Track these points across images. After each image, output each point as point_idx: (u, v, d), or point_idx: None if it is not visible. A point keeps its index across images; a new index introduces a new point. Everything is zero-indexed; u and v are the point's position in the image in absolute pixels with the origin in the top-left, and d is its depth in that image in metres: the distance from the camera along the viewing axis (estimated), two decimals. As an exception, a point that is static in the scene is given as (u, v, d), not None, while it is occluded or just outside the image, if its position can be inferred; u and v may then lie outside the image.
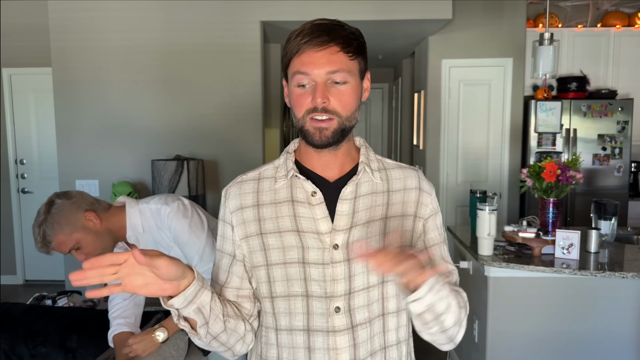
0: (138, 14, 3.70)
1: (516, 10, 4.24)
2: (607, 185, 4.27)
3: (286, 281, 1.02)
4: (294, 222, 1.02)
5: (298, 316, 1.02)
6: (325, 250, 1.01)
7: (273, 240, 1.03)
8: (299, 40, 0.97)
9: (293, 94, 1.00)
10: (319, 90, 0.97)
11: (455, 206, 4.46)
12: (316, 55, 0.96)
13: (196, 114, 3.76)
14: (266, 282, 1.04)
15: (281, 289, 1.03)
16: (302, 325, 1.02)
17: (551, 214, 2.65)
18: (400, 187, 1.09)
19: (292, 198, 1.04)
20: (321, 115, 0.97)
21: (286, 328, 1.03)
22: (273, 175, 1.08)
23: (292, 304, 1.02)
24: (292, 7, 3.66)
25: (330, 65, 0.97)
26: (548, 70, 3.18)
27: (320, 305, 1.01)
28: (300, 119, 1.00)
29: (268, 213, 1.04)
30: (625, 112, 4.18)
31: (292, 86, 1.00)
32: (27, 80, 4.84)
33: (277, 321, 1.04)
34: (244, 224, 1.05)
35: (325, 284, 1.01)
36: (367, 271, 1.02)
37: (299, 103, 0.99)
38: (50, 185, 4.84)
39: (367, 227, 1.04)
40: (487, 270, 2.51)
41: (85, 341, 1.95)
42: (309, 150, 1.05)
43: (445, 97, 4.35)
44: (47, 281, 4.98)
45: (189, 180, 3.47)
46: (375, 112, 7.14)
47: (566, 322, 2.54)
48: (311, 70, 0.97)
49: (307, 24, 1.00)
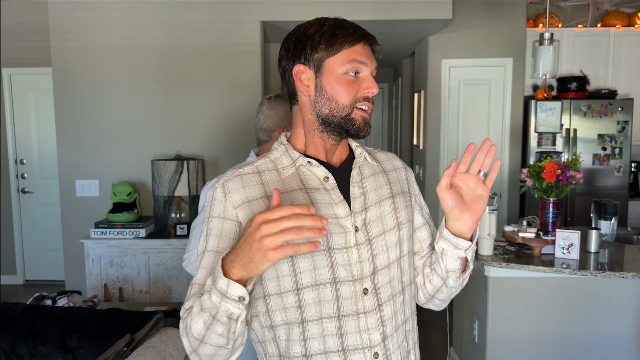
0: (138, 14, 3.70)
1: (516, 10, 4.24)
2: (607, 185, 4.27)
3: (314, 270, 0.99)
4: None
5: (328, 304, 0.99)
6: (347, 234, 1.02)
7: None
8: (352, 32, 1.02)
9: (342, 80, 1.01)
10: (374, 80, 1.04)
11: (455, 206, 4.45)
12: (369, 50, 1.05)
13: (196, 113, 3.76)
14: (290, 275, 0.99)
15: (308, 279, 0.99)
16: (332, 312, 1.00)
17: (551, 214, 2.65)
18: (390, 167, 1.17)
19: (304, 185, 1.03)
20: (367, 105, 1.04)
21: (315, 318, 0.99)
22: (273, 167, 1.05)
23: (321, 292, 0.99)
24: (292, 7, 3.66)
25: (375, 61, 1.07)
26: (548, 70, 3.18)
27: (348, 290, 1.00)
28: (347, 107, 1.02)
29: (283, 203, 0.99)
30: (625, 112, 4.18)
31: (339, 72, 1.01)
32: (27, 80, 4.84)
33: (305, 313, 0.99)
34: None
35: (351, 267, 1.01)
36: (387, 248, 1.06)
37: (349, 90, 1.02)
38: (50, 185, 4.85)
39: (380, 207, 1.08)
40: (487, 270, 2.51)
41: (85, 341, 1.95)
42: (317, 142, 1.06)
43: (445, 97, 4.35)
44: (47, 281, 4.99)
45: (189, 180, 3.47)
46: (375, 112, 7.15)
47: (566, 322, 2.54)
48: (370, 62, 1.03)
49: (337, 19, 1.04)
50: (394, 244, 1.08)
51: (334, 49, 1.01)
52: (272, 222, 0.80)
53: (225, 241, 1.00)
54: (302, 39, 1.03)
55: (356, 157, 1.11)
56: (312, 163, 1.04)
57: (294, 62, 1.04)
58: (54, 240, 4.86)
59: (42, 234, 4.97)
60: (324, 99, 1.03)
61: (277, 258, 0.80)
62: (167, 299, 3.43)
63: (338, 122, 1.03)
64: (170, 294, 3.44)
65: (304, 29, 1.04)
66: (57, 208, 4.23)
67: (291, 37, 1.06)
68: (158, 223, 3.49)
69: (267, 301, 1.01)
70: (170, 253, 3.41)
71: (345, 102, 1.01)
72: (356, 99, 1.02)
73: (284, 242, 0.80)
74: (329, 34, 1.01)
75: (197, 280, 1.00)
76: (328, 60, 1.01)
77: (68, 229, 3.79)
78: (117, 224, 3.43)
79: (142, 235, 3.43)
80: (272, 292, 1.00)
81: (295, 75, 1.05)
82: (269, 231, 0.79)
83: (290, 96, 1.08)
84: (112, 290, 3.44)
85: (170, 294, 3.44)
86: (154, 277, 3.43)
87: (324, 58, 1.02)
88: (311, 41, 1.02)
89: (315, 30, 1.02)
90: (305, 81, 1.04)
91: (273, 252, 0.80)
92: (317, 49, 1.02)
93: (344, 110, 1.02)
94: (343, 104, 1.02)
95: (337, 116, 1.02)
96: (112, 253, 3.42)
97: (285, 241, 0.80)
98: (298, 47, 1.03)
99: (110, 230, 3.43)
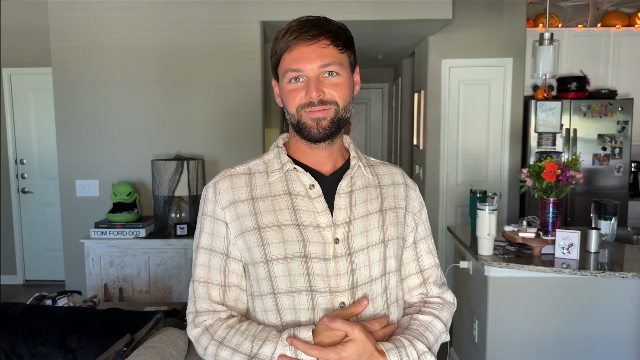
0: (138, 14, 3.70)
1: (516, 10, 4.24)
2: (607, 185, 4.27)
3: (289, 276, 0.99)
4: (294, 216, 1.01)
5: (303, 312, 0.99)
6: (326, 245, 1.00)
7: (272, 234, 0.99)
8: (287, 38, 0.98)
9: (285, 90, 1.01)
10: (312, 84, 0.98)
11: (455, 206, 4.46)
12: (307, 50, 0.97)
13: (196, 113, 3.76)
14: (267, 279, 1.00)
15: (284, 285, 0.99)
16: (308, 321, 1.00)
17: (551, 214, 2.65)
18: (389, 182, 1.13)
19: (289, 191, 1.03)
20: (316, 108, 0.99)
21: (292, 325, 1.00)
22: (264, 169, 1.06)
23: (296, 300, 0.99)
24: (292, 7, 3.66)
25: (321, 59, 0.98)
26: (548, 70, 3.18)
27: (324, 301, 0.99)
28: (295, 114, 1.01)
29: (265, 206, 1.01)
30: (625, 112, 4.18)
31: (283, 83, 1.01)
32: (27, 80, 4.84)
33: (282, 318, 1.00)
34: (239, 219, 1.01)
35: (329, 278, 0.99)
36: (370, 264, 1.03)
37: (292, 98, 1.00)
38: (50, 185, 4.85)
39: (366, 220, 1.05)
40: (487, 270, 2.51)
41: (85, 341, 1.95)
42: (301, 147, 1.05)
43: (445, 97, 4.35)
44: (47, 281, 4.99)
45: (189, 180, 3.47)
46: (375, 112, 7.14)
47: (566, 322, 2.54)
48: (303, 66, 0.98)
49: (293, 21, 1.01)
50: (377, 259, 1.05)
51: (276, 59, 1.02)
52: None
53: (218, 240, 1.03)
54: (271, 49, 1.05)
55: (350, 167, 1.08)
56: (297, 169, 1.04)
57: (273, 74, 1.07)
58: (54, 240, 4.86)
59: (42, 234, 4.97)
60: (285, 109, 1.05)
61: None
62: (167, 299, 3.43)
63: (295, 128, 1.03)
64: (170, 294, 3.44)
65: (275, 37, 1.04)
66: (57, 208, 4.23)
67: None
68: (158, 223, 3.50)
69: (252, 300, 1.04)
70: (170, 253, 3.41)
71: (292, 110, 1.01)
72: (300, 105, 1.00)
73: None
74: (274, 43, 1.02)
75: (198, 277, 1.04)
76: (278, 70, 1.03)
77: (68, 229, 3.79)
78: (117, 224, 3.43)
79: (142, 235, 3.43)
80: (255, 293, 1.03)
81: (274, 87, 1.09)
82: None
83: None
84: (112, 290, 3.44)
85: (170, 294, 3.44)
86: (154, 277, 3.43)
87: (275, 69, 1.04)
88: (272, 52, 1.03)
89: (275, 38, 1.02)
90: (277, 92, 1.08)
91: None
92: (272, 59, 1.03)
93: (294, 117, 1.01)
94: (291, 112, 1.01)
95: (293, 123, 1.02)
96: (112, 253, 3.42)
97: None
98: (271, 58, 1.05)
99: (110, 230, 3.43)
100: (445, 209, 4.45)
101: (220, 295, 1.02)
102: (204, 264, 1.03)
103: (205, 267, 1.03)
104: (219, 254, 1.03)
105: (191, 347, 1.95)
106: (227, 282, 1.03)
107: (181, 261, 3.42)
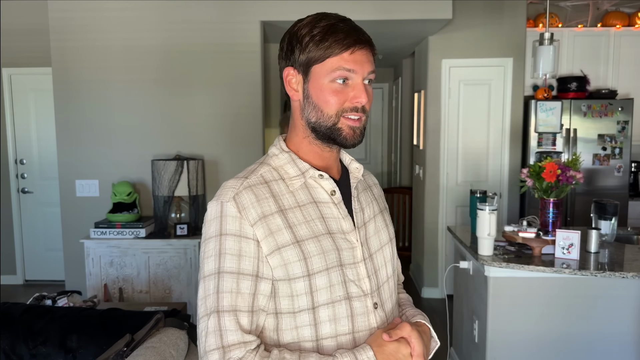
0: (138, 14, 3.70)
1: (516, 10, 4.24)
2: (607, 185, 4.27)
3: (329, 287, 0.95)
4: (324, 224, 0.98)
5: (343, 321, 0.97)
6: (354, 250, 1.00)
7: (312, 246, 0.94)
8: (342, 37, 0.95)
9: (328, 88, 0.95)
10: (362, 89, 0.96)
11: (455, 206, 4.46)
12: (363, 52, 0.97)
13: (196, 113, 3.76)
14: (306, 294, 0.94)
15: (325, 297, 0.95)
16: (347, 330, 0.97)
17: (551, 214, 2.65)
18: (372, 182, 1.19)
19: (313, 199, 0.99)
20: (357, 114, 0.97)
21: (330, 335, 0.96)
22: (279, 176, 0.99)
23: (336, 310, 0.96)
24: (292, 7, 3.66)
25: (370, 66, 0.98)
26: (548, 70, 3.18)
27: (359, 305, 0.98)
28: (333, 117, 0.96)
29: (297, 218, 0.96)
30: (625, 112, 4.18)
31: (325, 81, 0.95)
32: (27, 80, 4.84)
33: (319, 331, 0.95)
34: (272, 234, 0.93)
35: (360, 282, 0.99)
36: (385, 263, 1.07)
37: (335, 98, 0.95)
38: (50, 185, 4.85)
39: (375, 222, 1.08)
40: (487, 270, 2.51)
41: (85, 341, 1.95)
42: (314, 150, 1.02)
43: (445, 97, 4.35)
44: (47, 281, 4.99)
45: (189, 180, 3.47)
46: (375, 112, 7.14)
47: (566, 322, 2.54)
48: (358, 68, 0.95)
49: (332, 19, 0.98)
50: (389, 258, 1.09)
51: (321, 56, 0.95)
52: None
53: (246, 261, 0.91)
54: (292, 40, 0.98)
55: (353, 171, 1.08)
56: (323, 176, 1.00)
57: (286, 64, 1.00)
58: (54, 240, 4.86)
59: (42, 234, 4.97)
60: (311, 106, 0.98)
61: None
62: (167, 299, 3.43)
63: (325, 131, 0.97)
64: (170, 294, 3.44)
65: (298, 28, 0.98)
66: (57, 208, 4.23)
67: (286, 35, 1.01)
68: (158, 223, 3.50)
69: (278, 318, 0.95)
70: (170, 253, 3.41)
71: (331, 112, 0.96)
72: (343, 108, 0.96)
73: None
74: (318, 38, 0.95)
75: (224, 307, 0.89)
76: (315, 67, 0.96)
77: (68, 229, 3.79)
78: (117, 224, 3.43)
79: (142, 235, 3.43)
80: (284, 310, 0.95)
81: (285, 78, 1.01)
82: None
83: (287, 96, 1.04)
84: (112, 290, 3.44)
85: (170, 294, 3.44)
86: (154, 277, 3.43)
87: (311, 64, 0.96)
88: (300, 44, 0.96)
89: (306, 33, 0.96)
90: (294, 85, 1.00)
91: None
92: (305, 53, 0.96)
93: (329, 120, 0.96)
94: (328, 113, 0.96)
95: (324, 125, 0.97)
96: (112, 253, 3.42)
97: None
98: (289, 48, 0.99)
99: (110, 230, 3.43)
100: (445, 209, 4.45)
101: (249, 323, 0.91)
102: (231, 291, 0.90)
103: (234, 294, 0.90)
104: (248, 277, 0.91)
105: (191, 347, 1.95)
106: (255, 306, 0.92)
107: (181, 261, 3.42)
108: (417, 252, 4.89)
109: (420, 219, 4.72)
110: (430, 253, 4.52)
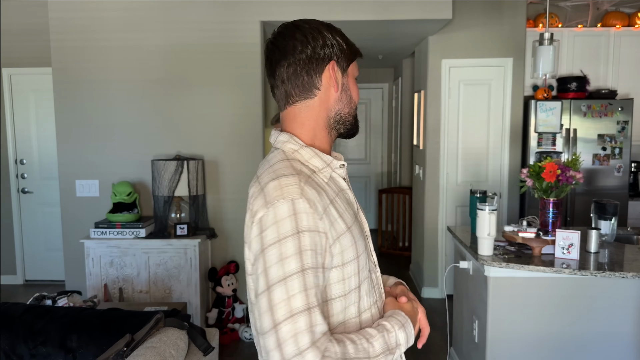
0: (138, 14, 3.70)
1: (516, 10, 4.24)
2: (607, 185, 4.27)
3: (366, 264, 1.07)
4: (351, 209, 1.08)
5: (371, 292, 1.08)
6: (364, 226, 1.13)
7: (355, 230, 1.04)
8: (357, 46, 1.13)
9: (355, 84, 1.12)
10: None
11: (455, 206, 4.46)
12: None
13: (196, 113, 3.76)
14: (355, 275, 1.01)
15: (364, 274, 1.06)
16: (374, 300, 1.09)
17: (551, 214, 2.65)
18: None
19: (340, 187, 1.09)
20: None
21: (367, 308, 1.06)
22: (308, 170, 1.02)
23: (369, 283, 1.08)
24: (292, 7, 3.66)
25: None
26: (548, 70, 3.18)
27: (376, 276, 1.14)
28: (354, 110, 1.12)
29: (341, 206, 1.03)
30: (625, 112, 4.18)
31: (352, 79, 1.11)
32: (27, 80, 4.84)
33: (361, 306, 1.04)
34: (332, 225, 0.97)
35: (373, 255, 1.15)
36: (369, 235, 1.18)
37: (357, 95, 1.13)
38: (50, 185, 4.85)
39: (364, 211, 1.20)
40: (487, 270, 2.51)
41: (85, 341, 1.95)
42: (327, 141, 1.11)
43: (445, 97, 4.35)
44: (47, 281, 4.99)
45: (189, 180, 3.47)
46: (375, 112, 7.14)
47: (566, 322, 2.55)
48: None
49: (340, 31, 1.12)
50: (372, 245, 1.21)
51: (354, 56, 1.11)
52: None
53: (321, 256, 0.93)
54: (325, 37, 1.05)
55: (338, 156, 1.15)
56: (344, 165, 1.12)
57: (330, 58, 1.05)
58: (54, 240, 4.86)
59: (42, 234, 4.97)
60: (347, 98, 1.09)
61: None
62: (167, 299, 3.43)
63: (351, 120, 1.11)
64: (170, 294, 3.44)
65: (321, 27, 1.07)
66: (57, 208, 4.24)
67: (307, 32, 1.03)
68: (158, 223, 3.50)
69: (328, 306, 0.97)
70: (170, 253, 3.41)
71: (353, 105, 1.11)
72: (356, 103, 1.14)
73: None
74: (348, 41, 1.10)
75: (299, 308, 0.88)
76: (352, 65, 1.11)
77: (68, 229, 3.79)
78: (117, 224, 3.43)
79: (142, 235, 3.43)
80: (334, 296, 0.98)
81: (332, 69, 1.05)
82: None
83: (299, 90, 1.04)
84: (112, 290, 3.44)
85: (170, 294, 3.44)
86: (154, 277, 3.43)
87: (349, 62, 1.10)
88: (344, 43, 1.09)
89: (340, 34, 1.09)
90: (337, 78, 1.07)
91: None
92: (345, 51, 1.09)
93: (351, 112, 1.11)
94: (356, 104, 1.12)
95: (353, 115, 1.11)
96: (112, 253, 3.42)
97: None
98: (333, 44, 1.06)
99: (110, 230, 3.43)
100: (445, 209, 4.45)
101: (321, 315, 0.91)
102: (316, 286, 0.91)
103: (311, 291, 0.90)
104: (321, 270, 0.93)
105: (191, 347, 1.95)
106: (322, 297, 0.95)
107: (181, 261, 3.42)
108: (417, 252, 4.89)
109: (420, 219, 4.73)
110: (430, 253, 4.52)
